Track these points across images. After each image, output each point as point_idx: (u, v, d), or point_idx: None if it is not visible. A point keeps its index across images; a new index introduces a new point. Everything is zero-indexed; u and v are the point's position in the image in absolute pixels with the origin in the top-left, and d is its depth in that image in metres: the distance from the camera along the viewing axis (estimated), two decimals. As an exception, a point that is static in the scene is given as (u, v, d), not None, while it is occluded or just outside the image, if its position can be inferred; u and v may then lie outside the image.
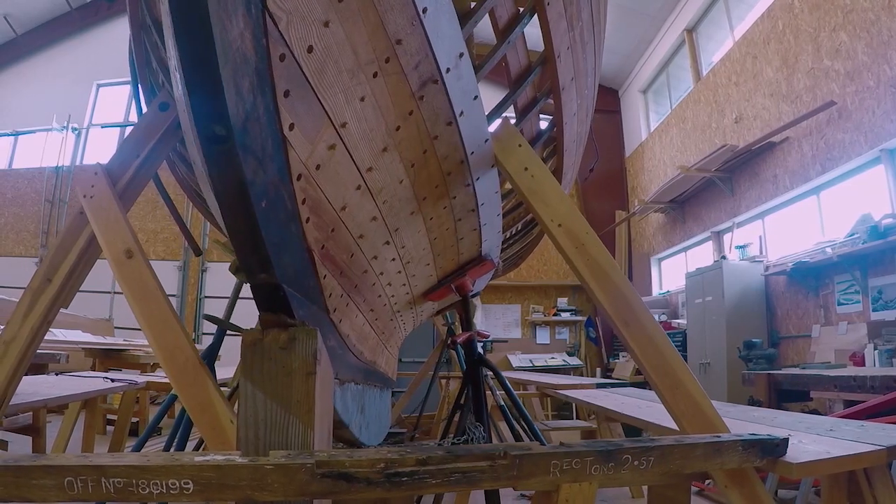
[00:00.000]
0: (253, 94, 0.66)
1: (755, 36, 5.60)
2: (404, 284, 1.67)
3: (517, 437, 2.38)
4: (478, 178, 1.41)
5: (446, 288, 2.04)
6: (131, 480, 0.84)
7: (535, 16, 1.28)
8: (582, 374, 7.55)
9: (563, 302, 8.44)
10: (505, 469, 0.92)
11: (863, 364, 3.92)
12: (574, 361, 7.76)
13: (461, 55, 1.06)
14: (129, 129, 9.54)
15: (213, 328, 2.37)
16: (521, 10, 1.29)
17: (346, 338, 1.36)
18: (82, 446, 3.40)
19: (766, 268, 5.31)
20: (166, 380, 3.83)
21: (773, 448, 1.24)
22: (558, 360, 7.61)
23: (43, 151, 9.37)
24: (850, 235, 4.30)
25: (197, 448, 2.43)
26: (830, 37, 4.56)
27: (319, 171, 0.87)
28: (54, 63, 9.64)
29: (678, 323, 6.49)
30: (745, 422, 1.77)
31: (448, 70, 1.04)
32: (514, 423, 2.38)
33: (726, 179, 5.92)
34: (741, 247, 5.65)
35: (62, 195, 9.01)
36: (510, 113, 1.66)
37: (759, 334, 5.04)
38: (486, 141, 1.33)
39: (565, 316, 8.27)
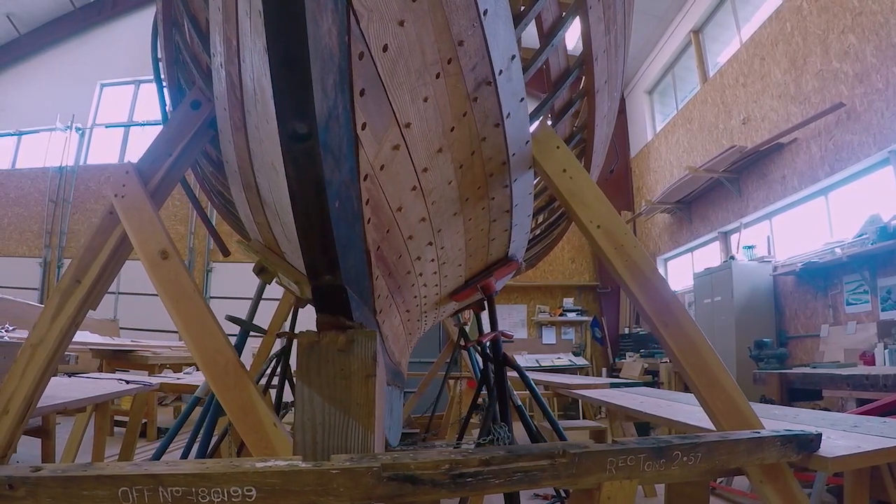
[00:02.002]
0: (335, 92, 0.66)
1: (763, 37, 5.63)
2: (436, 285, 1.67)
3: (534, 438, 2.38)
4: (515, 180, 1.41)
5: (472, 288, 2.04)
6: (190, 489, 0.81)
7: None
8: (588, 374, 7.56)
9: (568, 302, 8.46)
10: (565, 467, 0.92)
11: (873, 363, 3.94)
12: (580, 361, 7.77)
13: (513, 57, 1.06)
14: (132, 129, 9.48)
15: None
16: (564, 13, 1.29)
17: (385, 339, 1.35)
18: (93, 449, 3.37)
19: (775, 268, 5.33)
20: (179, 381, 3.81)
21: (808, 443, 1.27)
22: (564, 360, 7.62)
23: (46, 151, 9.34)
24: (859, 236, 4.32)
25: (213, 452, 2.41)
26: (839, 39, 4.58)
27: (383, 171, 0.87)
28: (57, 63, 9.61)
29: (685, 323, 6.50)
30: (769, 419, 1.78)
31: (501, 72, 1.03)
32: (531, 423, 2.39)
33: (734, 180, 5.93)
34: (748, 247, 5.68)
35: (66, 195, 8.98)
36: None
37: (767, 334, 5.06)
38: (526, 143, 1.33)
39: (571, 316, 8.29)
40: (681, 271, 7.67)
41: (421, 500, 0.85)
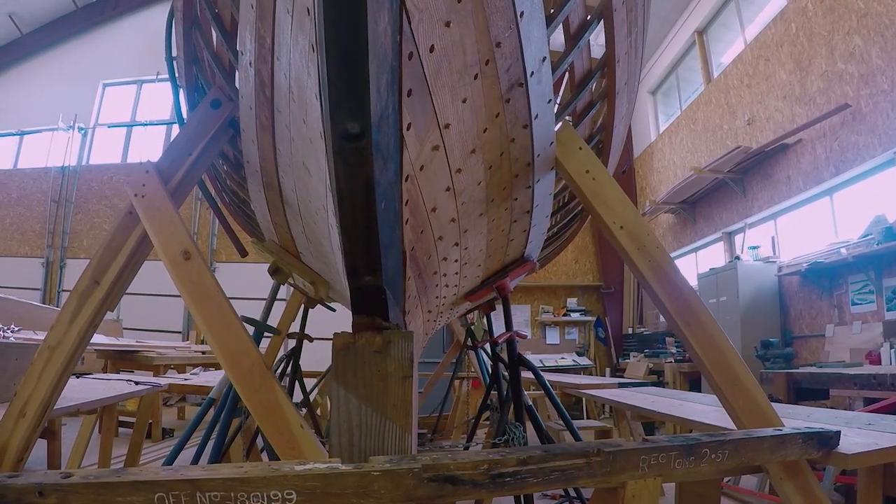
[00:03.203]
0: (387, 92, 0.65)
1: (768, 38, 5.64)
2: (456, 285, 1.67)
3: (544, 438, 2.38)
4: (538, 181, 1.42)
5: (487, 288, 2.05)
6: (229, 494, 0.78)
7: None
8: (592, 374, 7.57)
9: (572, 302, 8.47)
10: (600, 465, 0.92)
11: (879, 363, 3.96)
12: (584, 361, 7.78)
13: (544, 59, 1.06)
14: (135, 129, 9.42)
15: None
16: (589, 16, 1.30)
17: (409, 339, 1.35)
18: (100, 450, 3.36)
19: (780, 268, 5.34)
20: (187, 382, 3.81)
21: (828, 440, 1.28)
22: (568, 360, 7.63)
23: (49, 151, 9.31)
24: (865, 236, 4.33)
25: (224, 454, 2.40)
26: (844, 40, 4.59)
27: (422, 171, 0.88)
28: (60, 62, 9.59)
29: (688, 323, 6.50)
30: (784, 418, 1.79)
31: (532, 74, 1.04)
32: (542, 423, 2.39)
33: (738, 181, 5.95)
34: (753, 248, 5.69)
35: (68, 195, 8.95)
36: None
37: (772, 334, 5.07)
38: (550, 144, 1.33)
39: (575, 316, 8.30)
40: (684, 272, 7.68)
41: (458, 501, 0.85)
